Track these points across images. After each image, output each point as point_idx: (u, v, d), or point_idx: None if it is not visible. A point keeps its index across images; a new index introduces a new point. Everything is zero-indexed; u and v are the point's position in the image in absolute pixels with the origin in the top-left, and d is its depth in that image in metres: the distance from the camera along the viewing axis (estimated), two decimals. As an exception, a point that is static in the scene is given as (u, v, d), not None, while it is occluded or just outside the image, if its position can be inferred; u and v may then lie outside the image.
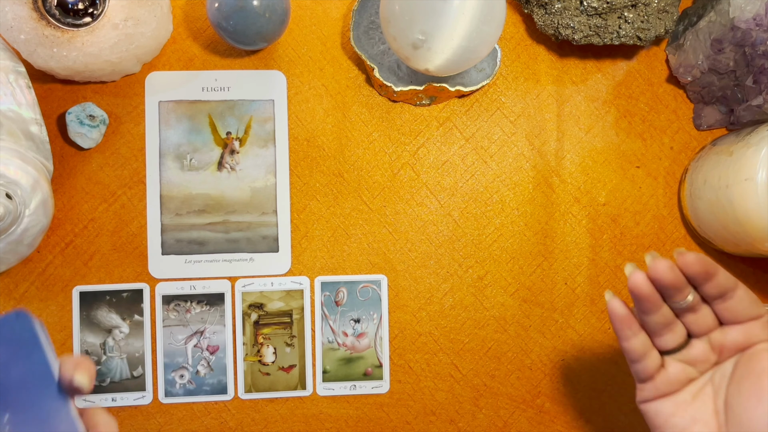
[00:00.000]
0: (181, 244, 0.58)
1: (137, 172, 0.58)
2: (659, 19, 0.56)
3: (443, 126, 0.60)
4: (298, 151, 0.59)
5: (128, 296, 0.58)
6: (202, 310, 0.58)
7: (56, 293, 0.57)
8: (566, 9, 0.55)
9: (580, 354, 0.61)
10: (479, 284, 0.60)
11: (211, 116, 0.59)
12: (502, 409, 0.60)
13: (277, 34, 0.55)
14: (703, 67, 0.57)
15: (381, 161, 0.60)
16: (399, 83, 0.58)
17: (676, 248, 0.41)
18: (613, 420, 0.61)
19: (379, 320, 0.59)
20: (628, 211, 0.61)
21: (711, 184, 0.55)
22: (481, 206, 0.61)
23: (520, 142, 0.61)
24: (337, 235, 0.59)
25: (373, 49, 0.59)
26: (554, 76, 0.61)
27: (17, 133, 0.51)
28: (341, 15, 0.60)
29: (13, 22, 0.50)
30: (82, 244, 0.58)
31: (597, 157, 0.61)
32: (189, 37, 0.59)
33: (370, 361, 0.59)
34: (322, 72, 0.60)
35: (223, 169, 0.58)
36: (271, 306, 0.59)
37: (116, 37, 0.52)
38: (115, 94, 0.58)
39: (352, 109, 0.60)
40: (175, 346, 0.58)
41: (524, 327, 0.60)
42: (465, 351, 0.60)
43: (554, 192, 0.61)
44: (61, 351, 0.57)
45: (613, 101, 0.61)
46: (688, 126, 0.62)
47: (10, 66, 0.51)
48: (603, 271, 0.61)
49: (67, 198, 0.58)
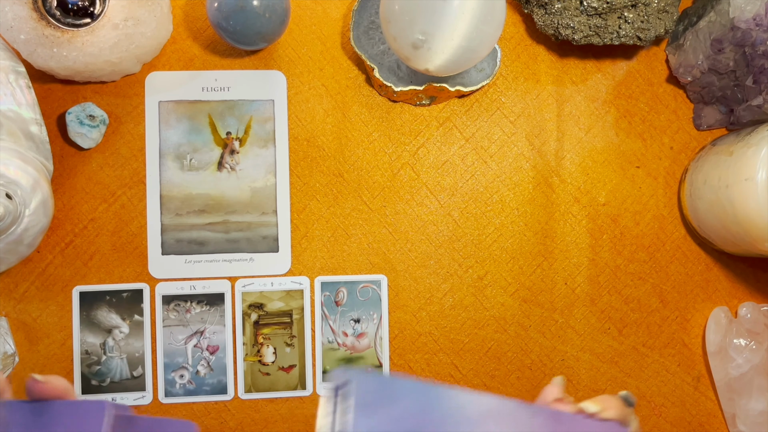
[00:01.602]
0: (181, 244, 0.58)
1: (137, 172, 0.58)
2: (659, 19, 0.56)
3: (443, 126, 0.60)
4: (298, 151, 0.59)
5: (128, 296, 0.58)
6: (202, 310, 0.58)
7: (56, 293, 0.57)
8: (566, 9, 0.55)
9: (580, 354, 0.61)
10: (479, 284, 0.60)
11: (211, 116, 0.59)
12: (502, 409, 0.60)
13: (277, 34, 0.55)
14: (703, 67, 0.57)
15: (381, 161, 0.60)
16: (399, 83, 0.58)
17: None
18: (613, 420, 0.61)
19: (379, 320, 0.59)
20: (628, 211, 0.61)
21: (711, 184, 0.55)
22: (481, 206, 0.61)
23: (520, 142, 0.61)
24: (337, 235, 0.59)
25: (373, 49, 0.59)
26: (554, 76, 0.61)
27: (17, 133, 0.51)
28: (341, 15, 0.60)
29: (13, 22, 0.50)
30: (82, 244, 0.58)
31: (597, 157, 0.61)
32: (189, 37, 0.59)
33: (370, 361, 0.59)
34: (322, 72, 0.60)
35: (223, 169, 0.58)
36: (271, 306, 0.59)
37: (116, 37, 0.52)
38: (115, 94, 0.58)
39: (352, 109, 0.60)
40: (175, 346, 0.58)
41: (524, 327, 0.60)
42: (465, 351, 0.60)
43: (554, 192, 0.61)
44: (61, 351, 0.57)
45: (613, 101, 0.61)
46: (688, 126, 0.62)
47: (10, 66, 0.51)
48: (603, 271, 0.61)
49: (67, 198, 0.58)
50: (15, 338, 0.57)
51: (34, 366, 0.57)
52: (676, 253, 0.61)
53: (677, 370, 0.61)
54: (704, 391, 0.61)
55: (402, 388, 0.30)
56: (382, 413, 0.29)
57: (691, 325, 0.61)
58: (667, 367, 0.61)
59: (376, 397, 0.29)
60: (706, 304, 0.61)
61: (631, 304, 0.61)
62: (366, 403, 0.29)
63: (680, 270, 0.61)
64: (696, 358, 0.61)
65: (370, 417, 0.29)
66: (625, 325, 0.61)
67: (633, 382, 0.61)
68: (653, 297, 0.61)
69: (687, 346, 0.61)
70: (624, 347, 0.61)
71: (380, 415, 0.29)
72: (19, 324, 0.57)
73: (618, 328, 0.61)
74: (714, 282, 0.62)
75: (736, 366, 0.59)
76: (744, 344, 0.59)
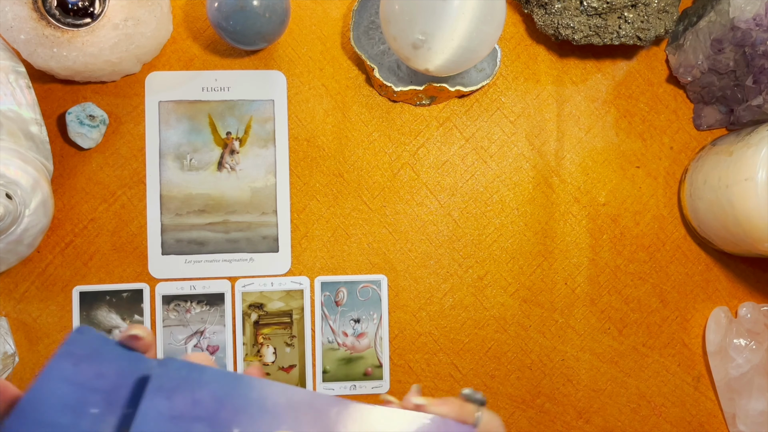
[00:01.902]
0: (181, 244, 0.58)
1: (137, 172, 0.58)
2: (659, 19, 0.56)
3: (443, 126, 0.60)
4: (298, 151, 0.59)
5: (128, 296, 0.58)
6: (202, 310, 0.58)
7: (56, 293, 0.57)
8: (566, 9, 0.55)
9: (580, 354, 0.61)
10: (479, 284, 0.60)
11: (211, 116, 0.59)
12: (502, 409, 0.60)
13: (277, 34, 0.55)
14: (703, 67, 0.57)
15: (381, 161, 0.60)
16: (399, 83, 0.58)
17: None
18: (613, 420, 0.61)
19: (379, 320, 0.59)
20: (628, 211, 0.61)
21: (711, 184, 0.55)
22: (481, 206, 0.61)
23: (520, 142, 0.61)
24: (337, 235, 0.59)
25: (373, 49, 0.59)
26: (554, 76, 0.61)
27: (17, 133, 0.51)
28: (341, 15, 0.60)
29: (13, 22, 0.50)
30: (82, 244, 0.58)
31: (597, 157, 0.61)
32: (189, 37, 0.59)
33: (370, 361, 0.59)
34: (322, 72, 0.60)
35: (223, 169, 0.58)
36: (271, 306, 0.59)
37: (116, 37, 0.52)
38: (115, 94, 0.58)
39: (352, 109, 0.60)
40: (175, 346, 0.58)
41: (524, 327, 0.60)
42: (465, 351, 0.60)
43: (554, 192, 0.61)
44: (61, 351, 0.57)
45: (613, 101, 0.61)
46: (688, 126, 0.62)
47: (10, 66, 0.51)
48: (603, 271, 0.61)
49: (67, 198, 0.58)
50: (15, 338, 0.57)
51: (34, 366, 0.57)
52: (676, 253, 0.61)
53: (677, 370, 0.61)
54: (704, 391, 0.61)
55: (208, 376, 0.31)
56: (180, 397, 0.30)
57: (691, 325, 0.61)
58: (667, 367, 0.61)
59: (179, 382, 0.30)
60: (706, 304, 0.61)
61: (631, 304, 0.61)
62: (162, 386, 0.30)
63: (680, 270, 0.61)
64: (696, 358, 0.61)
65: (168, 399, 0.30)
66: (625, 325, 0.61)
67: (633, 382, 0.61)
68: (653, 297, 0.61)
69: (687, 346, 0.61)
70: (624, 347, 0.61)
71: (177, 398, 0.30)
72: (19, 324, 0.57)
73: (618, 328, 0.61)
74: (714, 282, 0.62)
75: (736, 366, 0.59)
76: (744, 344, 0.59)
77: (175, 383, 0.30)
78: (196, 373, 0.31)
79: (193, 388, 0.31)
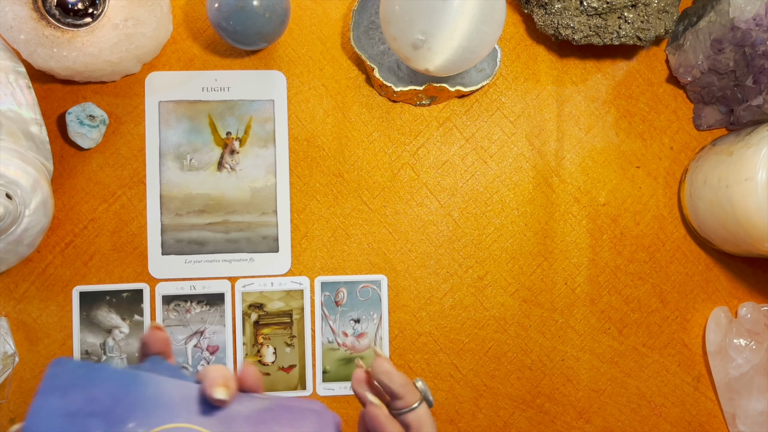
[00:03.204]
0: (181, 244, 0.58)
1: (137, 172, 0.58)
2: (659, 19, 0.56)
3: (443, 126, 0.60)
4: (298, 151, 0.59)
5: (128, 296, 0.58)
6: (202, 310, 0.58)
7: (56, 293, 0.57)
8: (566, 9, 0.55)
9: (580, 354, 0.61)
10: (479, 284, 0.60)
11: (211, 116, 0.59)
12: (502, 409, 0.60)
13: (277, 34, 0.55)
14: (703, 67, 0.57)
15: (381, 161, 0.60)
16: (399, 83, 0.58)
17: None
18: (613, 420, 0.61)
19: (379, 320, 0.59)
20: (628, 211, 0.61)
21: (711, 184, 0.55)
22: (481, 206, 0.61)
23: (520, 142, 0.61)
24: (337, 235, 0.59)
25: (373, 49, 0.59)
26: (554, 76, 0.61)
27: (17, 133, 0.51)
28: (341, 15, 0.60)
29: (13, 22, 0.50)
30: (82, 244, 0.58)
31: (597, 157, 0.61)
32: (189, 37, 0.59)
33: (371, 361, 0.59)
34: (322, 72, 0.60)
35: (223, 169, 0.58)
36: (271, 306, 0.59)
37: (116, 37, 0.52)
38: (115, 94, 0.58)
39: (352, 109, 0.60)
40: (175, 346, 0.58)
41: (524, 327, 0.60)
42: (465, 351, 0.60)
43: (554, 192, 0.61)
44: (61, 351, 0.57)
45: (613, 101, 0.61)
46: (688, 126, 0.62)
47: (10, 66, 0.51)
48: (603, 271, 0.61)
49: (67, 198, 0.58)
50: (15, 338, 0.57)
51: (34, 366, 0.57)
52: (676, 253, 0.61)
53: (677, 370, 0.61)
54: (704, 391, 0.61)
55: (104, 374, 0.32)
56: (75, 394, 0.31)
57: (691, 325, 0.61)
58: (667, 367, 0.61)
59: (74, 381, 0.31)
60: (706, 304, 0.61)
61: (631, 304, 0.61)
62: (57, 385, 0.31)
63: (680, 270, 0.61)
64: (696, 358, 0.61)
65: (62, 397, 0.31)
66: (625, 325, 0.61)
67: (633, 382, 0.61)
68: (653, 297, 0.61)
69: (687, 346, 0.61)
70: (624, 347, 0.61)
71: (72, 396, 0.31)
72: (19, 324, 0.57)
73: (618, 328, 0.61)
74: (714, 282, 0.62)
75: (736, 366, 0.59)
76: (744, 344, 0.59)
77: (70, 382, 0.31)
78: (92, 372, 0.32)
79: (88, 386, 0.32)
